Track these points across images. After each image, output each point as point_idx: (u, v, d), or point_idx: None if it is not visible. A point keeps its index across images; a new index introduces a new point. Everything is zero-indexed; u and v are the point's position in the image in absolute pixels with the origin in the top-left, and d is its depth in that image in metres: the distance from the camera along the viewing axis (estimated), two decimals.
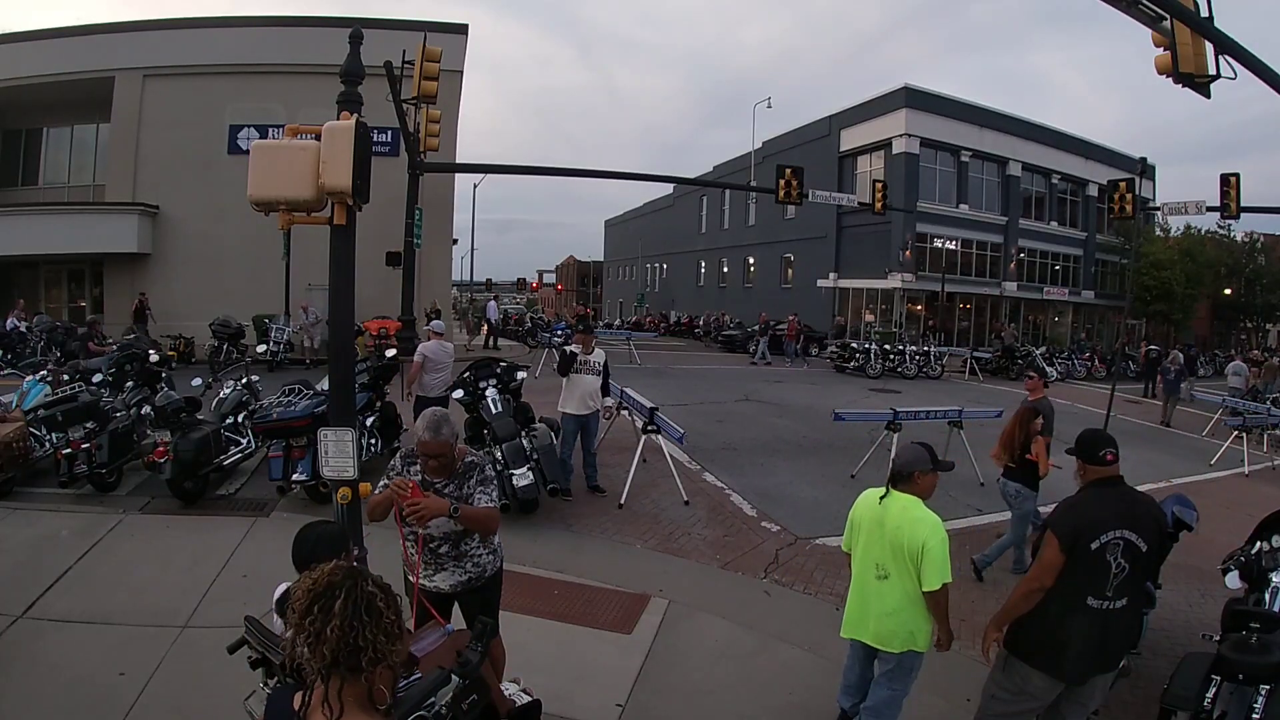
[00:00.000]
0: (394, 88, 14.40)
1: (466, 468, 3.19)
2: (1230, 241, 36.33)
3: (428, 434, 3.05)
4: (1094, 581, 2.89)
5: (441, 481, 3.14)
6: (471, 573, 3.22)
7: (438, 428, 3.06)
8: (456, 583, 3.20)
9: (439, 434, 3.05)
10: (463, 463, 3.19)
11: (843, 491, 7.53)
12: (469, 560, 3.21)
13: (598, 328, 18.19)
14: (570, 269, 76.48)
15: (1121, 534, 2.89)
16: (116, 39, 19.50)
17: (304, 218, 4.07)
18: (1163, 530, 3.00)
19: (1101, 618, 2.91)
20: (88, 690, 3.65)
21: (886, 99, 28.93)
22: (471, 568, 3.21)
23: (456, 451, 3.18)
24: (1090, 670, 2.99)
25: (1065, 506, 3.06)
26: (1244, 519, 5.23)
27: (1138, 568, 2.93)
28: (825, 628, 4.54)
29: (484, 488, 3.17)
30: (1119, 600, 2.92)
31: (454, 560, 3.19)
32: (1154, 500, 3.15)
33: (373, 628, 1.50)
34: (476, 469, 3.20)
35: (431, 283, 20.28)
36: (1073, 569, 2.90)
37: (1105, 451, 3.02)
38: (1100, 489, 3.03)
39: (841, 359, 21.00)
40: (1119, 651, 3.06)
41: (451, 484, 3.15)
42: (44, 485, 6.73)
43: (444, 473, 3.14)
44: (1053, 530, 2.95)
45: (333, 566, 1.60)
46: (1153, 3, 6.73)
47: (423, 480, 3.10)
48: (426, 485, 3.09)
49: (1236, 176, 15.99)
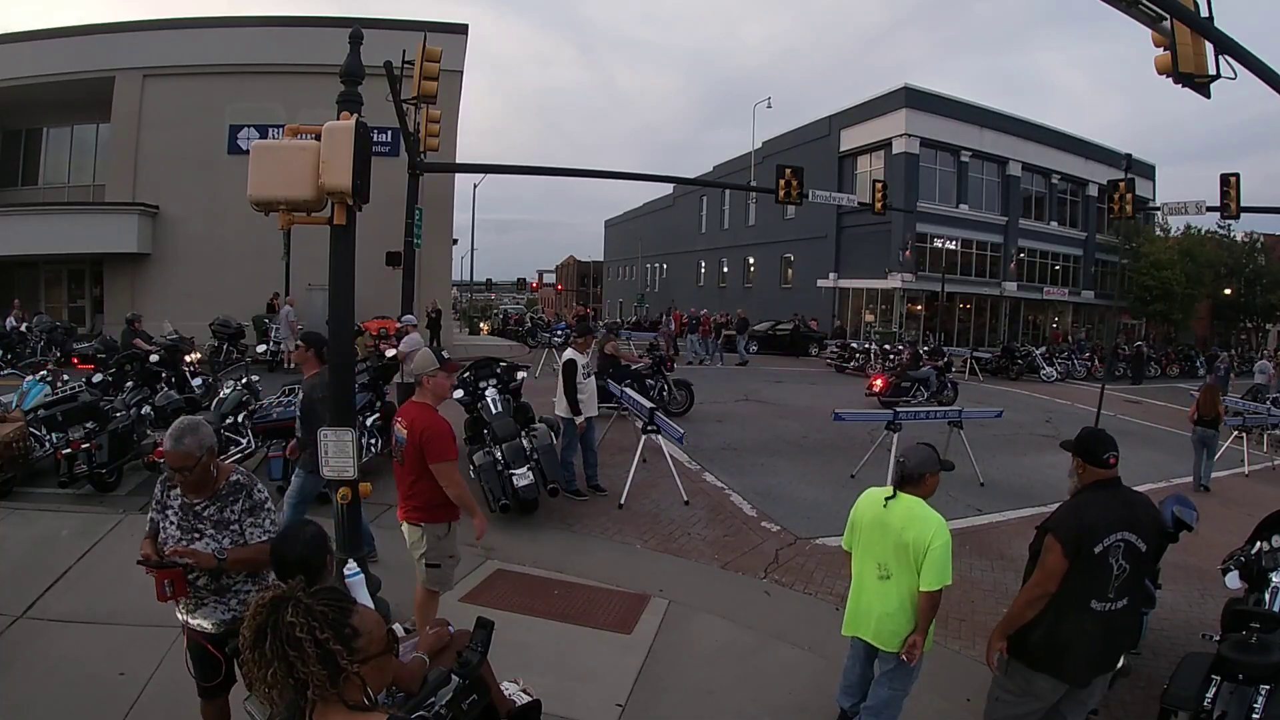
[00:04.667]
0: (394, 88, 14.36)
1: (231, 488, 2.82)
2: (1230, 241, 36.35)
3: (167, 442, 2.68)
4: (1097, 584, 2.88)
5: (201, 501, 2.78)
6: (237, 611, 2.77)
7: (179, 436, 2.68)
8: (220, 621, 2.79)
9: (179, 443, 2.67)
10: (226, 482, 2.82)
11: (843, 491, 7.53)
12: (232, 596, 2.81)
13: (598, 328, 18.17)
14: (570, 269, 76.47)
15: (1123, 536, 2.88)
16: (116, 39, 19.48)
17: (304, 218, 4.08)
18: (1161, 530, 3.01)
19: (1104, 619, 2.90)
20: (88, 690, 3.65)
21: (886, 99, 28.94)
22: (237, 605, 2.79)
23: (217, 468, 2.82)
24: (1094, 671, 2.99)
25: (1066, 510, 3.02)
26: (1244, 519, 5.24)
27: (1138, 568, 2.93)
28: (825, 628, 4.55)
29: (254, 516, 2.80)
30: (1120, 601, 2.92)
31: (214, 595, 2.79)
32: (1150, 500, 3.15)
33: (303, 659, 1.45)
34: (243, 492, 2.82)
35: (431, 283, 20.27)
36: (1076, 573, 2.87)
37: (1109, 455, 2.99)
38: (1100, 491, 3.01)
39: (841, 359, 21.00)
40: (1120, 651, 3.07)
41: (212, 505, 2.78)
42: (44, 485, 6.72)
43: (200, 490, 2.78)
44: (1055, 535, 2.91)
45: (255, 606, 1.56)
46: (1153, 3, 6.73)
47: (182, 502, 2.78)
48: (186, 508, 2.77)
49: (1236, 176, 15.97)
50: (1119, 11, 6.99)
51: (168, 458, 2.70)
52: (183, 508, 2.79)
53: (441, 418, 3.95)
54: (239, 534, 2.79)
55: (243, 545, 2.77)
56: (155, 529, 2.84)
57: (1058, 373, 22.68)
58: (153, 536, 2.84)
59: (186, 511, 2.78)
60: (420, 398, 3.99)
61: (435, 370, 3.99)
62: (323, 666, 1.46)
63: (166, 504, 2.83)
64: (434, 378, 3.97)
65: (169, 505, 2.82)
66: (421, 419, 3.84)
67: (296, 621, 1.48)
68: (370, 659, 1.55)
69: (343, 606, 1.57)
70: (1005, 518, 7.40)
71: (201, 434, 2.74)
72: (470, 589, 5.01)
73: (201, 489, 2.78)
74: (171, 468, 2.72)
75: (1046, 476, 8.75)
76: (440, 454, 3.76)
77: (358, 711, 1.51)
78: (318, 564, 2.43)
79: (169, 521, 2.80)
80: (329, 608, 1.53)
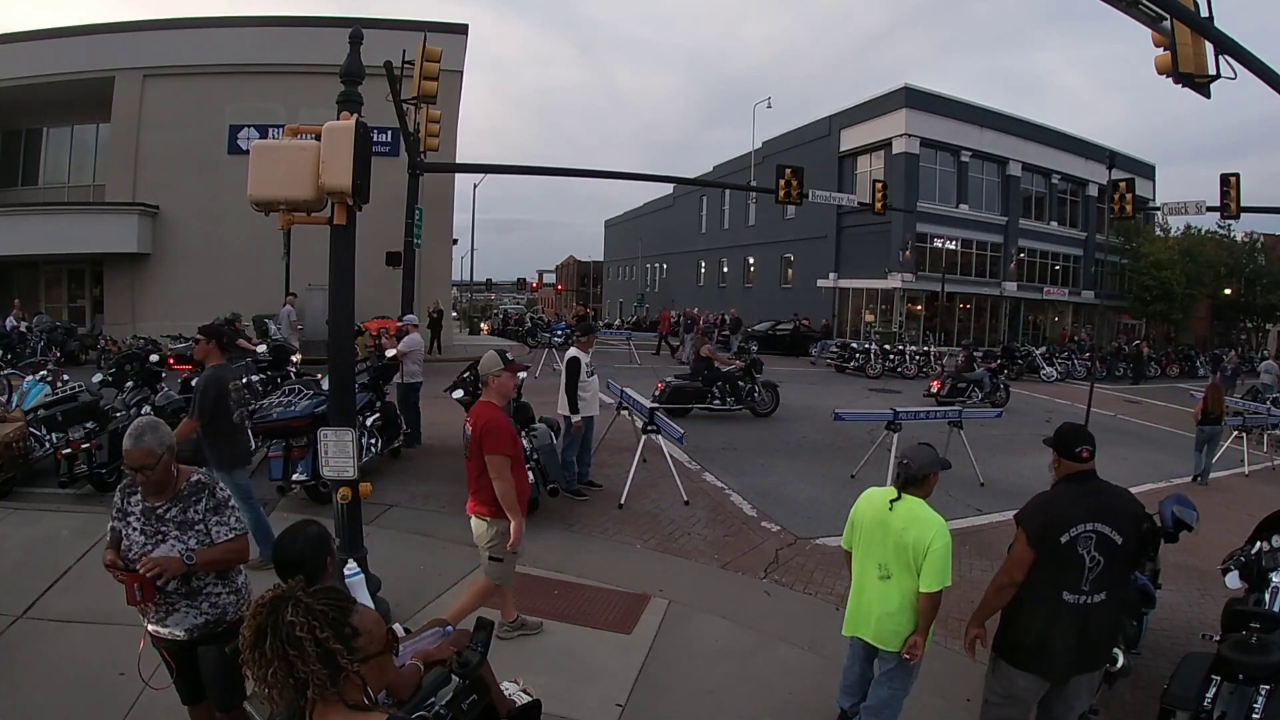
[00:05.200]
0: (394, 88, 14.37)
1: (193, 488, 2.77)
2: (1230, 241, 36.33)
3: (127, 441, 2.65)
4: (1068, 576, 2.92)
5: (162, 503, 2.74)
6: (209, 614, 2.76)
7: (139, 435, 2.65)
8: (193, 626, 2.75)
9: (140, 441, 2.63)
10: (187, 483, 2.78)
11: (843, 491, 7.53)
12: (204, 600, 2.76)
13: (599, 328, 18.17)
14: (570, 269, 76.46)
15: (1093, 527, 2.91)
16: (116, 39, 19.48)
17: (304, 218, 4.08)
18: (1141, 522, 3.00)
19: (1080, 613, 2.92)
20: (88, 690, 3.65)
21: (886, 99, 28.95)
22: (209, 609, 2.77)
23: (177, 469, 2.78)
24: (1072, 668, 3.01)
25: (1034, 501, 3.11)
26: (1244, 519, 5.23)
27: (1114, 561, 2.94)
28: (825, 628, 4.55)
29: (218, 515, 2.77)
30: (1097, 595, 2.93)
31: (186, 599, 2.73)
32: (1129, 494, 3.16)
33: (304, 658, 1.45)
34: (205, 491, 2.78)
35: (431, 283, 20.27)
36: (1044, 564, 2.94)
37: (1081, 448, 3.05)
38: (1071, 483, 3.07)
39: (841, 359, 21.00)
40: (1101, 649, 3.06)
41: (175, 507, 2.74)
42: (44, 485, 6.72)
43: (161, 492, 2.74)
44: (1021, 525, 3.01)
45: (255, 606, 1.56)
46: (1153, 3, 6.73)
47: (143, 507, 2.74)
48: (148, 513, 2.73)
49: (1236, 176, 15.98)
50: (1119, 11, 7.00)
51: (129, 458, 2.65)
52: (145, 512, 2.74)
53: (504, 416, 4.17)
54: (204, 534, 2.75)
55: (210, 545, 2.73)
56: (117, 537, 2.78)
57: (1058, 373, 22.68)
58: (115, 545, 2.78)
59: (149, 516, 2.73)
60: (486, 397, 4.20)
61: (500, 371, 4.18)
62: (323, 666, 1.46)
63: (128, 510, 2.77)
64: (498, 378, 4.18)
65: (130, 512, 2.77)
66: (484, 415, 4.03)
67: (297, 621, 1.48)
68: (370, 658, 1.56)
69: (343, 606, 1.57)
70: (1005, 518, 7.37)
71: (161, 432, 2.71)
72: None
73: (163, 490, 2.74)
74: (132, 467, 2.66)
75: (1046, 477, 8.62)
76: (494, 446, 3.93)
77: (358, 711, 1.51)
78: (316, 565, 2.42)
79: (132, 528, 2.75)
80: (329, 607, 1.54)
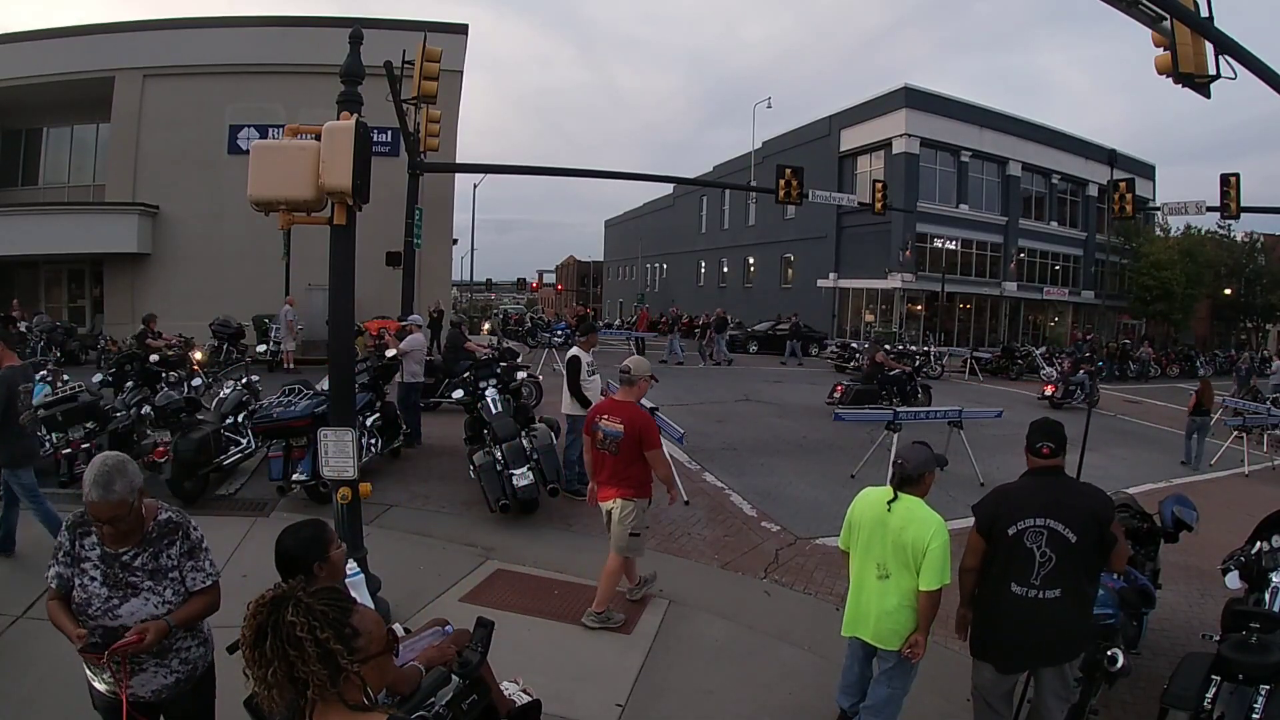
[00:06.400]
0: (394, 88, 14.37)
1: (162, 529, 2.38)
2: (1230, 241, 36.33)
3: (95, 492, 2.18)
4: (1015, 568, 3.00)
5: (129, 551, 2.31)
6: (180, 672, 2.41)
7: (108, 482, 2.19)
8: (162, 686, 2.38)
9: (109, 492, 2.19)
10: (155, 523, 2.38)
11: (843, 491, 7.52)
12: (174, 657, 2.39)
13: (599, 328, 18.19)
14: (570, 269, 76.47)
15: (1044, 522, 2.96)
16: (116, 39, 19.48)
17: (304, 218, 4.08)
18: (1101, 523, 3.01)
19: (1029, 606, 2.98)
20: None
21: (886, 99, 28.96)
22: (179, 665, 2.41)
23: (145, 509, 2.36)
24: (1025, 661, 3.09)
25: (992, 492, 3.26)
26: (1244, 519, 5.23)
27: (1068, 559, 2.97)
28: (825, 628, 4.55)
29: (193, 560, 2.40)
30: (1049, 591, 2.97)
31: (155, 658, 2.34)
32: (1097, 494, 3.19)
33: (304, 658, 1.45)
34: (179, 531, 2.40)
35: (432, 283, 20.26)
36: (993, 554, 3.07)
37: (1042, 444, 3.15)
38: (1032, 478, 3.16)
39: (841, 359, 21.01)
40: (1061, 646, 3.08)
41: (144, 553, 2.33)
42: (44, 485, 6.67)
43: (128, 540, 2.31)
44: (973, 512, 3.19)
45: (255, 605, 1.56)
46: (1153, 3, 6.73)
47: (102, 553, 2.30)
48: (109, 560, 2.29)
49: (1236, 176, 15.99)
50: (1119, 11, 7.00)
51: (96, 510, 2.20)
52: (105, 558, 2.30)
53: (648, 413, 4.92)
54: (179, 582, 2.36)
55: (185, 597, 2.37)
56: (66, 588, 2.30)
57: (1058, 373, 22.66)
58: (63, 597, 2.31)
59: (111, 563, 2.30)
60: (625, 396, 4.72)
61: (650, 375, 4.87)
62: (323, 666, 1.46)
63: (80, 556, 2.31)
64: (646, 381, 4.82)
65: (84, 558, 2.31)
66: (637, 415, 4.59)
67: (297, 621, 1.48)
68: (370, 658, 1.56)
69: (343, 606, 1.57)
70: None
71: (130, 473, 2.27)
72: (470, 589, 5.02)
73: (130, 538, 2.31)
74: (101, 520, 2.23)
75: None
76: (653, 443, 4.59)
77: (358, 711, 1.51)
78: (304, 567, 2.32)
79: (89, 577, 2.30)
80: (329, 607, 1.54)
